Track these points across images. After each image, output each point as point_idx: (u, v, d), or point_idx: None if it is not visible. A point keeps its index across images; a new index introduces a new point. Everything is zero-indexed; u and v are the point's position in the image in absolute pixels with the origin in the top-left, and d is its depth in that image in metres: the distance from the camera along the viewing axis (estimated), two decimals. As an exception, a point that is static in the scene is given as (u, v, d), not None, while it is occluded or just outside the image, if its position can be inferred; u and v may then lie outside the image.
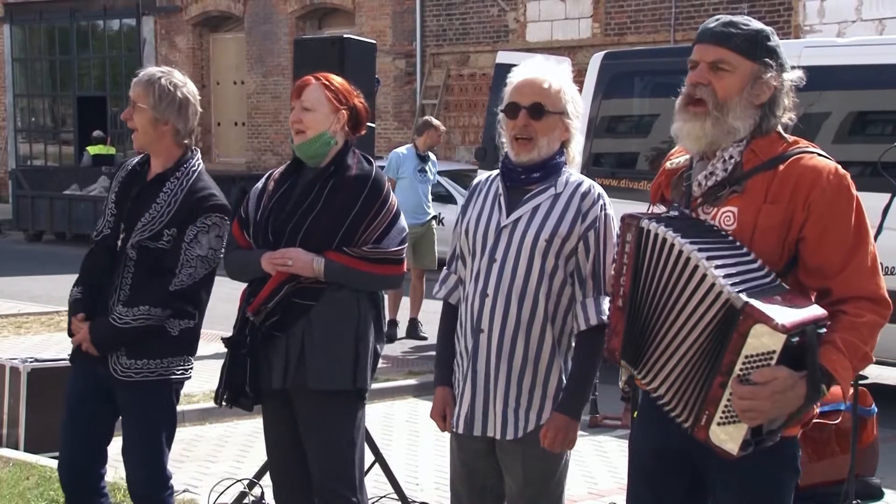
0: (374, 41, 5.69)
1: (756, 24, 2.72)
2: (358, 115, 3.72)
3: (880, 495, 5.47)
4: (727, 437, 2.55)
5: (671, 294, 2.59)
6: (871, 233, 2.70)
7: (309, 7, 20.04)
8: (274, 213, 3.68)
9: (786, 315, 2.46)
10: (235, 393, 3.66)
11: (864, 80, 7.59)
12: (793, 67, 2.75)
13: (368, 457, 5.02)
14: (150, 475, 3.84)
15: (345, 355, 3.59)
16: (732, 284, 2.50)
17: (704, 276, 2.53)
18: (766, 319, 2.44)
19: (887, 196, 4.86)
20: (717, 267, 2.52)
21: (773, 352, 2.47)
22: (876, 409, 5.55)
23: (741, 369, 2.49)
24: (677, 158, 2.87)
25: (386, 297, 4.18)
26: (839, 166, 2.68)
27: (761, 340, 2.46)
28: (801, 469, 2.79)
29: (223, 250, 3.84)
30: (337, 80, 3.72)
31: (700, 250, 2.55)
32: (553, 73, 3.25)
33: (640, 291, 2.65)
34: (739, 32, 2.68)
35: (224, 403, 3.70)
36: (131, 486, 3.87)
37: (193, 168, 3.86)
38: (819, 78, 7.70)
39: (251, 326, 3.62)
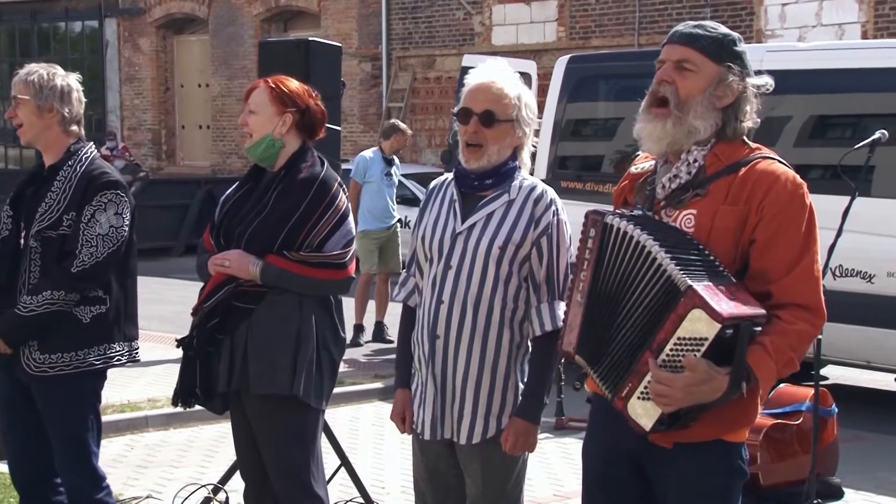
0: (339, 44, 5.69)
1: (724, 30, 2.76)
2: (312, 118, 3.71)
3: (840, 494, 5.53)
4: (643, 413, 2.58)
5: (625, 286, 2.61)
6: (827, 241, 2.72)
7: (274, 10, 19.97)
8: (229, 216, 3.69)
9: (726, 306, 2.48)
10: (188, 395, 3.66)
11: (825, 85, 7.67)
12: (757, 72, 2.78)
13: (334, 461, 5.02)
14: (82, 475, 3.82)
15: (282, 360, 3.56)
16: (682, 270, 2.52)
17: (658, 263, 2.55)
18: (705, 306, 2.46)
19: (847, 199, 4.92)
20: (672, 257, 2.54)
21: (706, 339, 2.49)
22: (836, 410, 5.61)
23: (671, 350, 2.51)
24: (642, 164, 2.89)
25: (352, 300, 4.17)
26: (797, 176, 2.70)
27: (696, 325, 2.48)
28: (763, 469, 2.82)
29: (126, 227, 3.83)
30: (290, 83, 3.70)
31: (661, 245, 2.57)
32: (507, 78, 3.25)
33: (600, 287, 2.67)
34: (707, 35, 2.72)
35: (179, 405, 3.70)
36: (65, 487, 3.85)
37: (86, 154, 3.87)
38: (780, 82, 7.81)
39: (196, 328, 3.61)
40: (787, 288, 2.61)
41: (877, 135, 5.11)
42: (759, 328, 2.55)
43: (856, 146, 5.20)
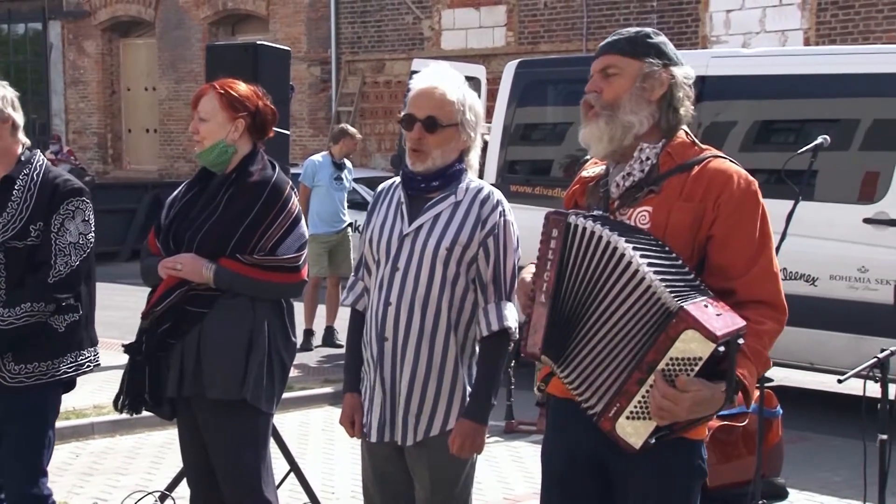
0: (288, 48, 5.67)
1: (637, 28, 2.87)
2: (263, 119, 3.70)
3: (785, 495, 5.60)
4: (633, 432, 2.58)
5: (595, 286, 2.62)
6: (775, 240, 2.79)
7: (222, 13, 19.84)
8: (177, 220, 3.66)
9: (718, 324, 2.50)
10: (136, 401, 3.62)
11: (769, 90, 7.78)
12: (701, 78, 2.83)
13: (284, 465, 5.00)
14: (34, 484, 3.77)
15: (235, 365, 3.54)
16: (666, 284, 2.53)
17: (636, 271, 2.55)
18: (699, 327, 2.47)
19: (791, 203, 4.99)
20: (648, 264, 2.55)
21: (700, 359, 2.51)
22: (781, 411, 5.69)
23: (663, 370, 2.52)
24: (593, 169, 2.93)
25: (302, 305, 4.17)
26: (749, 174, 2.76)
27: (689, 346, 2.49)
28: (710, 471, 2.85)
29: (93, 234, 3.81)
30: (238, 86, 3.68)
31: (627, 242, 2.59)
32: (450, 82, 3.27)
33: (566, 287, 2.67)
34: (621, 38, 2.82)
35: (124, 410, 3.66)
36: (11, 497, 3.79)
37: (40, 162, 3.83)
38: (725, 87, 7.93)
39: (146, 332, 3.58)
40: (749, 285, 2.66)
41: (819, 140, 5.19)
42: (742, 340, 2.58)
43: (799, 151, 5.28)
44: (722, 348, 2.50)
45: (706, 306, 2.53)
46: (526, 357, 2.81)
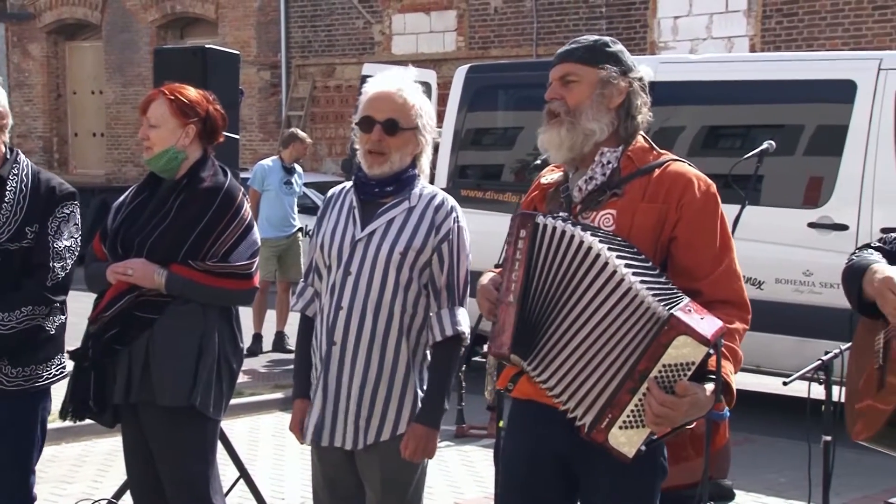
0: (237, 52, 5.64)
1: (595, 36, 2.91)
2: (213, 124, 3.67)
3: (731, 496, 5.66)
4: (626, 441, 2.59)
5: (570, 286, 2.63)
6: None
7: (170, 16, 19.67)
8: (125, 225, 3.63)
9: (706, 326, 2.52)
10: (80, 407, 3.58)
11: (715, 96, 7.87)
12: (649, 83, 2.87)
13: (233, 472, 4.97)
14: (26, 487, 3.73)
15: (184, 371, 3.52)
16: (648, 288, 2.55)
17: (614, 272, 2.57)
18: (691, 332, 2.49)
19: (738, 207, 5.05)
20: (626, 265, 2.56)
21: (693, 363, 2.53)
22: (728, 414, 5.74)
23: (656, 378, 2.53)
24: (552, 175, 2.96)
25: (250, 310, 4.15)
26: (707, 177, 2.81)
27: (682, 351, 2.51)
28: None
29: (80, 237, 3.77)
30: (187, 92, 3.66)
31: (602, 242, 2.61)
32: (408, 87, 3.28)
33: (535, 286, 2.68)
34: (580, 46, 2.85)
35: (70, 418, 3.62)
36: (4, 500, 3.74)
37: (25, 162, 3.78)
38: (674, 93, 8.01)
39: (93, 338, 3.55)
40: (715, 285, 2.70)
41: (765, 145, 5.26)
42: (723, 340, 2.61)
43: (745, 156, 5.34)
44: (713, 352, 2.53)
45: (690, 310, 2.56)
46: (494, 357, 2.82)
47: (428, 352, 3.31)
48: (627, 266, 2.58)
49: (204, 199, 3.57)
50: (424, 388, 3.28)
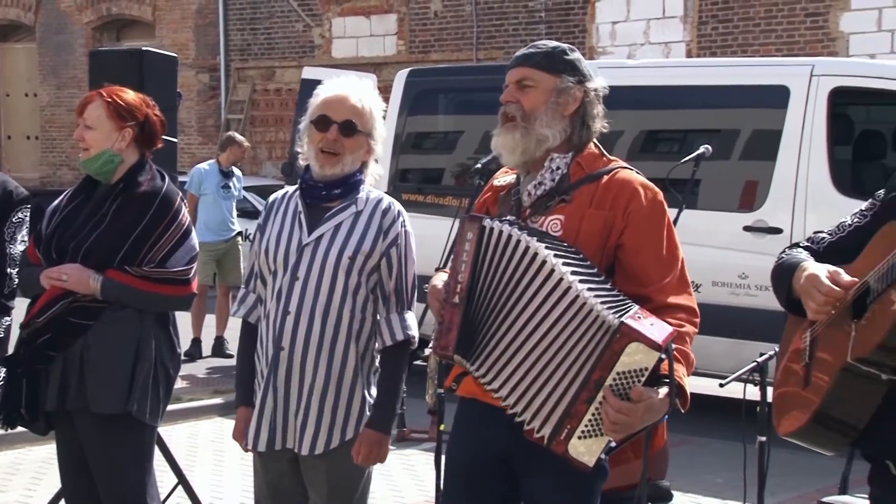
0: (175, 55, 5.61)
1: (554, 43, 2.93)
2: (151, 128, 3.64)
3: (669, 497, 5.71)
4: (586, 451, 2.61)
5: (515, 290, 2.65)
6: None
7: (106, 18, 19.42)
8: (60, 229, 3.58)
9: (657, 332, 2.55)
10: (12, 415, 3.52)
11: (653, 101, 7.96)
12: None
13: (171, 478, 4.91)
14: None
15: (120, 377, 3.48)
16: (595, 296, 2.57)
17: (561, 279, 2.58)
18: (643, 339, 2.52)
19: (675, 211, 5.12)
20: (573, 272, 2.58)
21: (646, 369, 2.55)
22: (666, 416, 5.81)
23: (611, 386, 2.55)
24: (504, 177, 2.98)
25: (189, 315, 4.11)
26: (654, 185, 2.85)
27: (634, 358, 2.53)
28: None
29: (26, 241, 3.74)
30: (126, 95, 3.63)
31: (548, 249, 2.63)
32: (366, 94, 3.30)
33: (480, 288, 2.70)
34: (538, 52, 2.87)
35: (1, 426, 3.56)
36: None
37: None
38: (612, 98, 8.07)
39: (24, 343, 3.49)
40: (664, 291, 2.74)
41: (701, 149, 5.34)
42: (674, 344, 2.63)
43: (682, 160, 5.41)
44: (663, 355, 2.56)
45: (639, 317, 2.58)
46: (438, 356, 2.82)
47: (376, 356, 3.31)
48: (574, 273, 2.60)
49: (141, 203, 3.53)
50: (372, 392, 3.28)
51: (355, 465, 3.24)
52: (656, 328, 2.56)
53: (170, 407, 3.76)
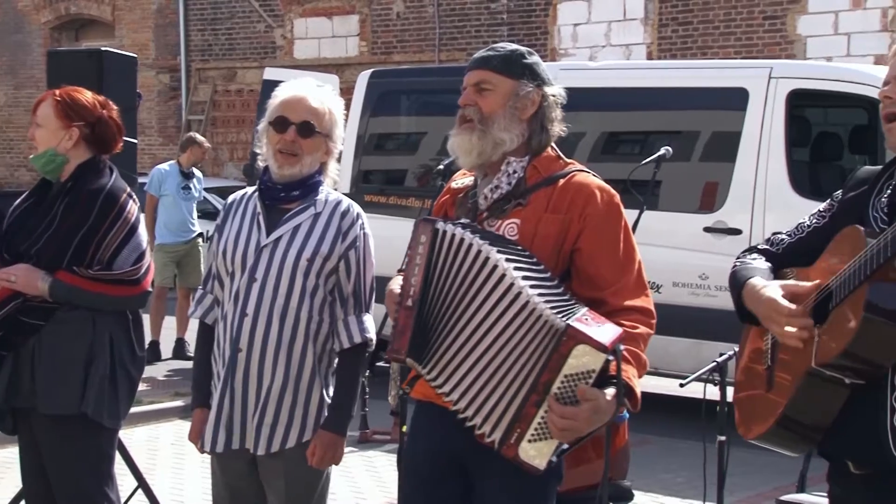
0: (134, 55, 5.56)
1: (513, 46, 2.91)
2: (104, 130, 3.61)
3: (630, 497, 5.74)
4: (536, 454, 2.60)
5: (467, 293, 2.65)
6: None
7: (65, 18, 19.23)
8: (12, 230, 3.55)
9: (603, 334, 2.55)
10: None
11: (615, 102, 8.01)
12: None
13: (131, 482, 4.87)
14: None
15: (72, 379, 3.45)
16: (545, 300, 2.57)
17: (512, 284, 2.58)
18: (589, 341, 2.52)
19: (636, 212, 5.16)
20: (523, 277, 2.58)
21: (593, 371, 2.55)
22: (627, 416, 5.84)
23: (559, 388, 2.55)
24: (462, 179, 2.98)
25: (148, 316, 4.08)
26: (611, 188, 2.85)
27: (582, 360, 2.53)
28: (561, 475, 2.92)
29: None
30: (79, 95, 3.60)
31: (500, 253, 2.63)
32: (325, 95, 3.29)
33: (432, 291, 2.70)
34: (496, 55, 2.86)
35: None
36: None
37: None
38: (573, 99, 8.11)
39: None
40: (620, 294, 2.74)
41: (662, 151, 5.38)
42: (623, 346, 2.63)
43: (643, 162, 5.45)
44: (612, 358, 2.56)
45: (587, 319, 2.59)
46: (391, 360, 2.82)
47: (334, 358, 3.30)
48: (525, 278, 2.60)
49: (86, 202, 3.51)
50: (330, 394, 3.27)
51: (313, 467, 3.23)
52: (604, 330, 2.57)
53: (130, 410, 3.72)
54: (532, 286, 2.59)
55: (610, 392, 2.59)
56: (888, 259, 2.26)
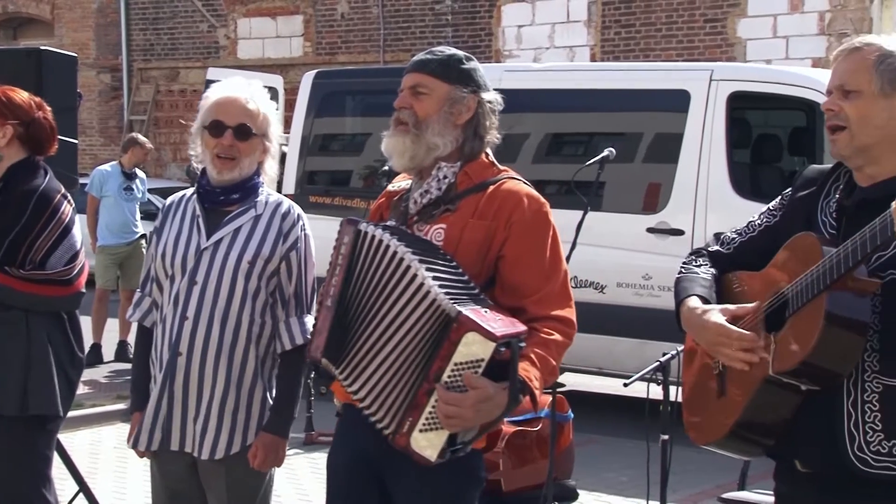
0: (75, 54, 5.48)
1: (451, 51, 2.89)
2: (39, 131, 3.57)
3: (575, 496, 5.80)
4: (427, 444, 2.60)
5: (381, 295, 2.65)
6: (566, 249, 2.88)
7: (2, 16, 18.93)
8: None
9: (496, 326, 2.56)
10: None
11: (559, 104, 8.05)
12: (496, 90, 2.91)
13: (72, 486, 4.81)
14: None
15: (11, 379, 3.41)
16: (446, 293, 2.58)
17: (421, 284, 2.59)
18: (478, 328, 2.53)
19: (581, 213, 5.18)
20: (433, 277, 2.59)
21: (482, 360, 2.56)
22: (572, 415, 5.88)
23: (449, 376, 2.56)
24: (399, 183, 2.98)
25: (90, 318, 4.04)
26: (540, 196, 2.84)
27: (471, 349, 2.54)
28: (505, 475, 2.92)
29: None
30: (14, 94, 3.57)
31: (414, 253, 2.63)
32: (256, 94, 3.26)
33: (351, 292, 2.70)
34: (434, 59, 2.85)
35: None
36: None
37: None
38: (518, 101, 8.14)
39: None
40: (540, 303, 2.73)
41: (605, 152, 5.41)
42: (524, 344, 2.64)
43: (587, 163, 5.48)
44: (504, 349, 2.56)
45: (485, 311, 2.60)
46: (309, 360, 2.81)
47: (276, 360, 3.28)
48: (436, 279, 2.60)
49: (19, 202, 3.48)
50: (272, 396, 3.25)
51: (256, 469, 3.21)
52: (499, 322, 2.58)
53: (71, 413, 3.69)
54: (441, 286, 2.59)
55: (503, 385, 2.58)
56: (849, 270, 2.28)
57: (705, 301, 2.56)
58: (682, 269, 2.70)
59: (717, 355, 2.50)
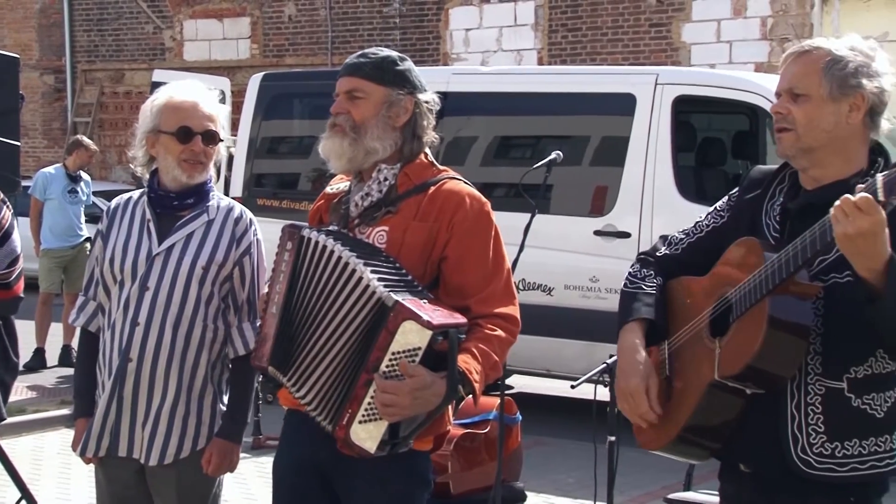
0: (17, 55, 5.42)
1: (385, 52, 2.85)
2: None
3: (523, 498, 5.82)
4: (367, 436, 2.60)
5: (327, 300, 2.65)
6: (510, 255, 2.89)
7: (-57, 15, 18.62)
8: None
9: (433, 315, 2.56)
10: None
11: (506, 107, 8.08)
12: (442, 94, 2.90)
13: (14, 493, 4.74)
14: None
15: None
16: (385, 286, 2.58)
17: (360, 278, 2.59)
18: (415, 317, 2.53)
19: (528, 216, 5.21)
20: (378, 279, 2.59)
21: (419, 349, 2.56)
22: (520, 417, 5.90)
23: (387, 366, 2.56)
24: (338, 184, 2.95)
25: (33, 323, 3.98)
26: (481, 195, 2.84)
27: (408, 338, 2.54)
28: (454, 478, 2.92)
29: None
30: None
31: (358, 257, 2.63)
32: (212, 97, 3.24)
33: (296, 299, 2.69)
34: (367, 61, 2.81)
35: None
36: None
37: None
38: (466, 104, 8.18)
39: None
40: (484, 302, 2.73)
41: (553, 155, 5.43)
42: (464, 336, 2.64)
43: (534, 166, 5.51)
44: (441, 338, 2.56)
45: (424, 302, 2.60)
46: (255, 369, 2.79)
47: (228, 365, 3.26)
48: (380, 280, 2.60)
49: None
50: (224, 402, 3.24)
51: (205, 473, 3.19)
52: (437, 313, 2.58)
53: (14, 419, 3.64)
54: (385, 286, 2.59)
55: (441, 374, 2.58)
56: (791, 274, 2.30)
57: (651, 324, 2.60)
58: (628, 282, 2.70)
59: (620, 402, 2.61)
